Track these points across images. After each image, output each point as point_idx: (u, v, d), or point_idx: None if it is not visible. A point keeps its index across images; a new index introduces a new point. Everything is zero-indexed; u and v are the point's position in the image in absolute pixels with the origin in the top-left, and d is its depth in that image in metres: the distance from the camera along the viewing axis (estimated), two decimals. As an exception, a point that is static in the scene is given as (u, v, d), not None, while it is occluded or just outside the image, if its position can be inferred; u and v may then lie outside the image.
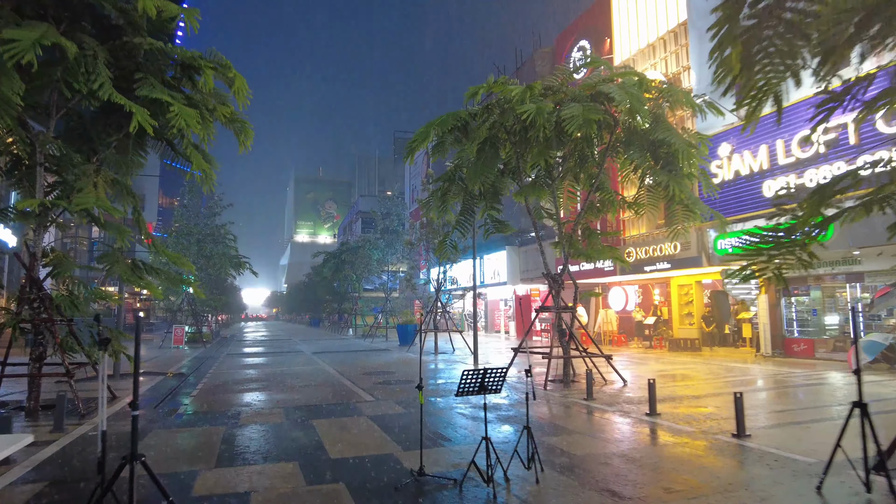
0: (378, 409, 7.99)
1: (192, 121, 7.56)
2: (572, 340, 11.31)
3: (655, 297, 21.39)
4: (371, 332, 27.40)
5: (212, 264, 24.76)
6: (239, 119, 9.77)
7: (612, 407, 8.14)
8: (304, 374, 12.69)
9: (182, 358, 17.23)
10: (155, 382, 11.35)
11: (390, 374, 12.44)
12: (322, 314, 54.03)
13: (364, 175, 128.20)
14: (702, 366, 13.67)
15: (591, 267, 20.01)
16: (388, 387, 10.41)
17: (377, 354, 18.38)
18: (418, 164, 42.71)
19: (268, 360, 16.74)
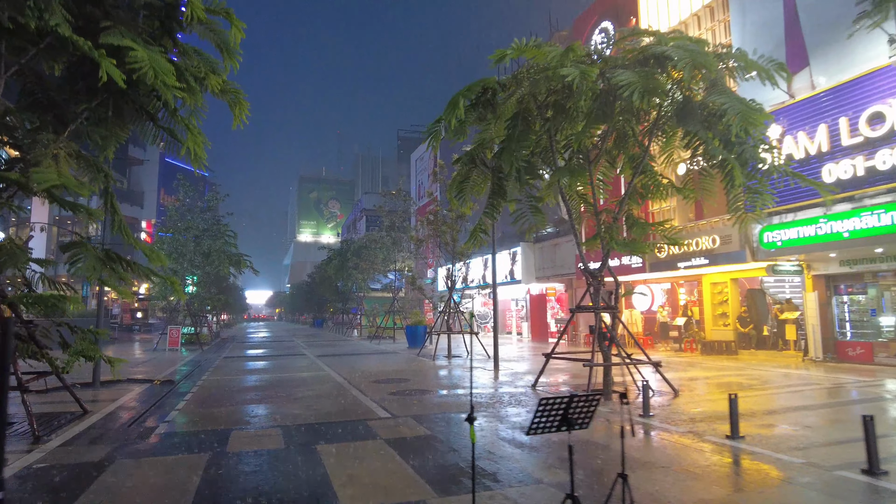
0: (396, 430, 6.59)
1: (167, 75, 6.18)
2: (613, 345, 9.90)
3: (681, 297, 19.95)
4: (377, 333, 26.01)
5: (210, 261, 23.40)
6: (232, 89, 8.43)
7: (679, 427, 6.72)
8: (307, 382, 11.31)
9: (175, 362, 15.87)
10: (137, 392, 9.98)
11: (404, 383, 11.04)
12: (325, 314, 52.70)
13: (367, 174, 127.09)
14: (748, 372, 12.23)
15: (616, 263, 18.56)
16: (404, 399, 9.01)
17: (386, 358, 16.99)
18: (424, 161, 41.31)
19: (268, 365, 15.36)
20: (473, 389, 10.16)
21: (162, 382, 11.24)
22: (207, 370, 13.80)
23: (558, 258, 22.47)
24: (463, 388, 10.34)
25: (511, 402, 8.62)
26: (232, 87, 8.48)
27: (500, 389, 10.07)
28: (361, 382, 11.10)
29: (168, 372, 13.26)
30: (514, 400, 8.86)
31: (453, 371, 13.23)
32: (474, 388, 10.38)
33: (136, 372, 13.26)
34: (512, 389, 10.05)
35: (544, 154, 10.49)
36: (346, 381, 11.25)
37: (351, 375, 12.26)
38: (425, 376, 12.19)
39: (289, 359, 17.17)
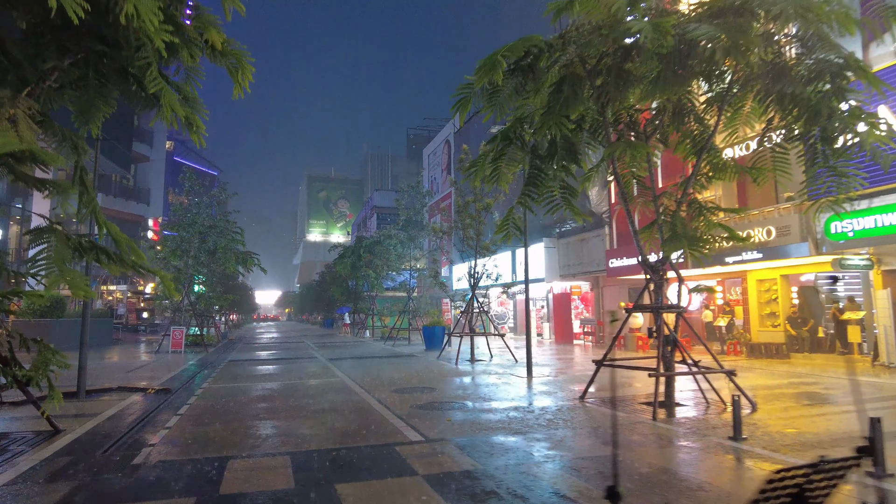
0: (435, 462, 5.23)
1: (150, 15, 4.88)
2: (678, 350, 8.50)
3: (718, 296, 18.45)
4: (391, 334, 24.68)
5: (216, 259, 22.19)
6: (233, 51, 7.16)
7: (789, 457, 5.30)
8: (319, 392, 9.99)
9: (176, 366, 14.64)
10: (126, 404, 8.70)
11: (429, 393, 9.69)
12: (335, 314, 51.55)
13: (377, 173, 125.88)
14: (816, 379, 10.75)
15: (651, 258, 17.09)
16: (434, 414, 7.66)
17: (404, 363, 15.65)
18: (437, 156, 39.99)
19: (276, 370, 14.08)
20: (508, 401, 8.80)
21: (156, 391, 9.97)
22: (210, 376, 12.54)
23: (585, 254, 21.03)
24: (501, 399, 8.96)
25: (564, 422, 7.23)
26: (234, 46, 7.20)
27: (542, 402, 8.69)
28: (381, 391, 9.77)
29: (166, 378, 12.00)
30: (564, 417, 7.47)
31: (482, 378, 11.86)
32: (509, 398, 9.02)
33: (131, 378, 12.02)
34: (557, 402, 8.66)
35: (591, 129, 9.08)
36: (363, 390, 9.92)
37: (368, 382, 10.93)
38: (452, 385, 10.83)
39: (298, 363, 15.88)
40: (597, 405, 8.37)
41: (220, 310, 34.21)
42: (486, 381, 11.20)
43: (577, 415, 7.56)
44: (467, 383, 11.00)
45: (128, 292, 37.17)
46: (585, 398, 8.87)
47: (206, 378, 12.16)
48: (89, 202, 6.15)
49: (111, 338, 25.26)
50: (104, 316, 25.37)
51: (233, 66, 7.24)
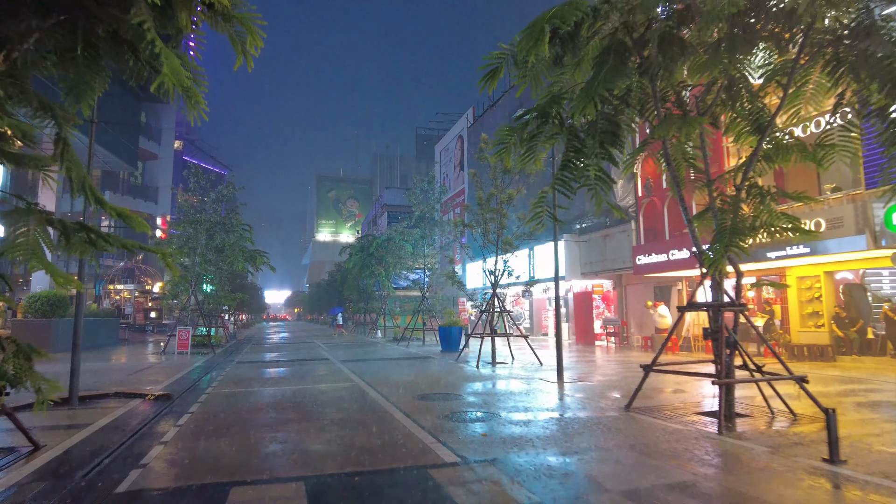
0: (480, 492, 4.32)
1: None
2: (739, 353, 7.53)
3: (750, 293, 17.38)
4: (404, 334, 23.78)
5: (223, 257, 21.39)
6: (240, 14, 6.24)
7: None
8: (333, 398, 9.11)
9: (181, 368, 13.84)
10: (121, 413, 7.86)
11: (455, 400, 8.78)
12: (345, 314, 50.80)
13: (386, 173, 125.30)
14: (880, 385, 9.71)
15: (683, 254, 16.07)
16: (466, 427, 6.75)
17: (421, 365, 14.76)
18: (450, 151, 39.06)
19: (285, 373, 13.23)
20: (545, 411, 7.86)
21: (157, 397, 9.13)
22: (216, 379, 11.71)
23: (609, 251, 20.03)
24: (536, 409, 8.01)
25: (617, 437, 6.28)
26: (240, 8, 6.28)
27: (585, 413, 7.74)
28: (401, 398, 8.87)
29: (169, 382, 11.18)
30: (615, 432, 6.52)
31: (509, 383, 10.92)
32: (545, 408, 8.08)
33: (132, 381, 11.22)
34: (600, 412, 7.71)
35: (638, 106, 8.12)
36: (380, 396, 9.02)
37: (385, 388, 10.03)
38: (477, 391, 9.91)
39: (310, 365, 15.03)
40: (646, 415, 7.41)
41: (228, 310, 33.55)
42: (513, 388, 10.26)
43: (629, 428, 6.61)
44: (494, 389, 10.07)
45: (135, 291, 36.62)
46: (632, 407, 7.90)
47: (211, 382, 11.33)
48: (80, 177, 5.29)
49: (117, 338, 24.60)
50: (110, 315, 24.68)
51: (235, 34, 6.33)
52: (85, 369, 13.37)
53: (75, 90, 6.41)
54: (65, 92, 6.41)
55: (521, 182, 14.45)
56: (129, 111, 30.53)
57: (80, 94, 6.46)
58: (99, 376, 12.07)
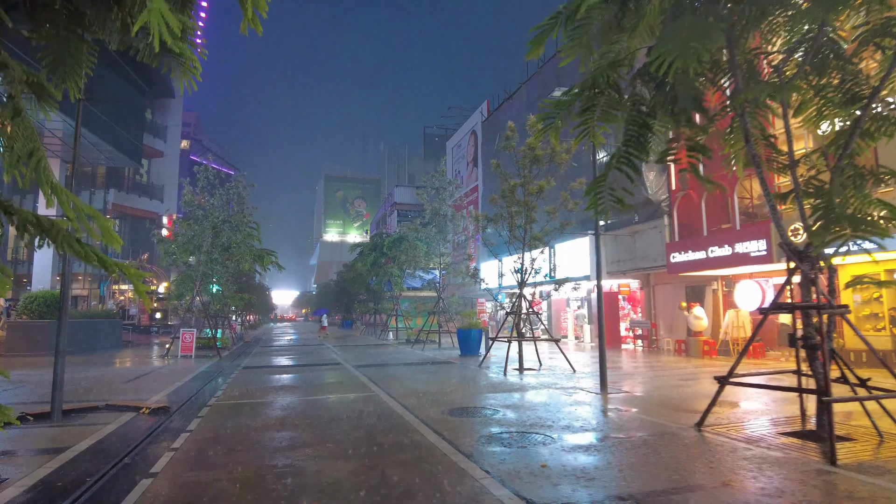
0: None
1: None
2: (837, 363, 6.35)
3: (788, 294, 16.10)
4: (419, 337, 22.65)
5: (230, 256, 20.35)
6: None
7: None
8: (352, 412, 7.99)
9: (183, 374, 12.79)
10: (108, 431, 6.77)
11: (493, 415, 7.64)
12: (354, 315, 49.81)
13: (393, 172, 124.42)
14: None
15: (725, 251, 14.82)
16: (518, 454, 5.60)
17: (443, 372, 13.64)
18: (462, 148, 37.92)
19: (296, 381, 12.14)
20: (602, 430, 6.71)
21: (152, 410, 8.04)
22: (220, 388, 10.63)
23: (638, 249, 18.81)
24: (591, 428, 6.85)
25: (705, 468, 5.11)
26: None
27: (650, 432, 6.57)
28: (429, 412, 7.74)
29: (169, 390, 10.11)
30: (699, 459, 5.35)
31: (547, 395, 9.76)
32: (600, 427, 6.93)
33: (127, 390, 10.16)
34: (668, 432, 6.54)
35: (715, 69, 6.95)
36: (405, 410, 7.90)
37: (410, 399, 8.90)
38: (514, 403, 8.76)
39: (322, 371, 13.94)
40: (724, 437, 6.22)
41: (235, 310, 32.58)
42: (554, 400, 9.09)
43: (713, 456, 5.43)
44: (533, 402, 8.91)
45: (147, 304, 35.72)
46: (703, 426, 6.72)
47: (215, 391, 10.25)
48: (29, 152, 4.18)
49: (120, 340, 23.64)
50: (111, 316, 23.73)
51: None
52: (77, 376, 12.36)
53: (59, 66, 5.31)
54: (48, 69, 5.32)
55: (549, 172, 13.27)
56: (133, 105, 29.62)
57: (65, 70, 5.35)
58: (92, 384, 11.03)
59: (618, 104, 6.88)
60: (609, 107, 6.85)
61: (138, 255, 36.50)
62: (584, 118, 6.76)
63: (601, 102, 6.88)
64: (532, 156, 13.04)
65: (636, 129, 6.57)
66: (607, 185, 6.50)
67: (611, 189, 6.47)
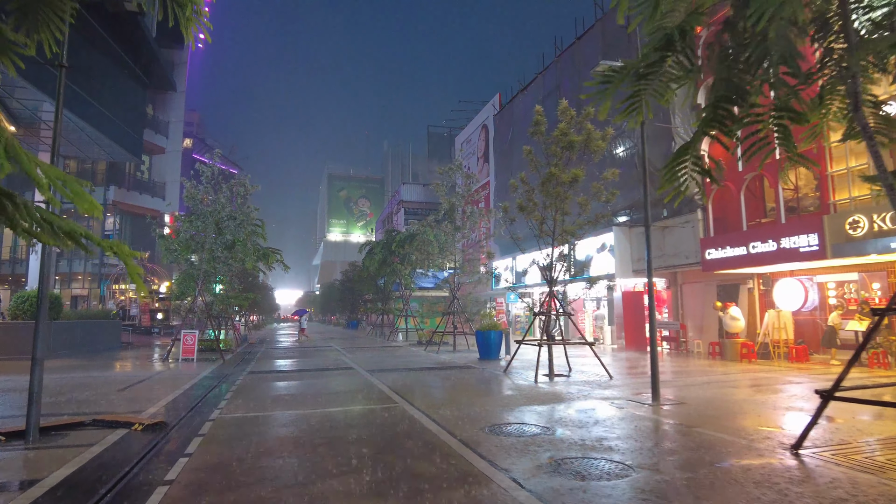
0: None
1: None
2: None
3: (830, 294, 14.99)
4: (432, 338, 21.55)
5: (233, 254, 19.28)
6: None
7: None
8: (376, 429, 6.90)
9: (183, 380, 11.73)
10: (90, 456, 5.69)
11: (543, 435, 6.54)
12: (360, 315, 48.77)
13: (397, 171, 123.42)
14: None
15: (769, 246, 13.68)
16: (593, 489, 4.50)
17: (466, 378, 12.56)
18: (472, 143, 36.82)
19: (307, 388, 11.06)
20: (682, 458, 5.60)
21: (146, 427, 6.95)
22: (223, 397, 9.56)
23: (667, 245, 17.69)
24: (665, 451, 5.74)
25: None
26: None
27: (732, 458, 5.45)
28: (468, 431, 6.65)
29: (167, 401, 9.04)
30: (821, 497, 4.23)
31: (591, 406, 8.65)
32: (676, 452, 5.81)
33: (121, 400, 9.10)
34: (761, 460, 5.42)
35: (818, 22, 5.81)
36: (440, 428, 6.80)
37: (440, 413, 7.81)
38: (563, 419, 7.66)
39: (334, 377, 12.85)
40: (835, 463, 5.10)
41: (239, 310, 31.55)
42: (605, 413, 7.98)
43: (846, 494, 4.32)
44: (582, 416, 7.80)
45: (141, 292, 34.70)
46: (801, 449, 5.61)
47: (218, 401, 9.17)
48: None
49: (119, 342, 22.61)
50: (110, 317, 22.69)
51: None
52: (68, 382, 11.29)
53: (29, 12, 4.24)
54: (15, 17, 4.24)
55: (584, 160, 12.17)
56: (133, 98, 28.59)
57: (37, 19, 4.27)
58: (82, 392, 9.98)
59: (689, 64, 5.75)
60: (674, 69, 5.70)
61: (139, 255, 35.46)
62: (638, 89, 5.61)
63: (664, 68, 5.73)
64: (565, 142, 11.94)
65: (728, 89, 5.44)
66: (692, 154, 5.35)
67: (696, 159, 5.33)
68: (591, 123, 12.29)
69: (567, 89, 22.64)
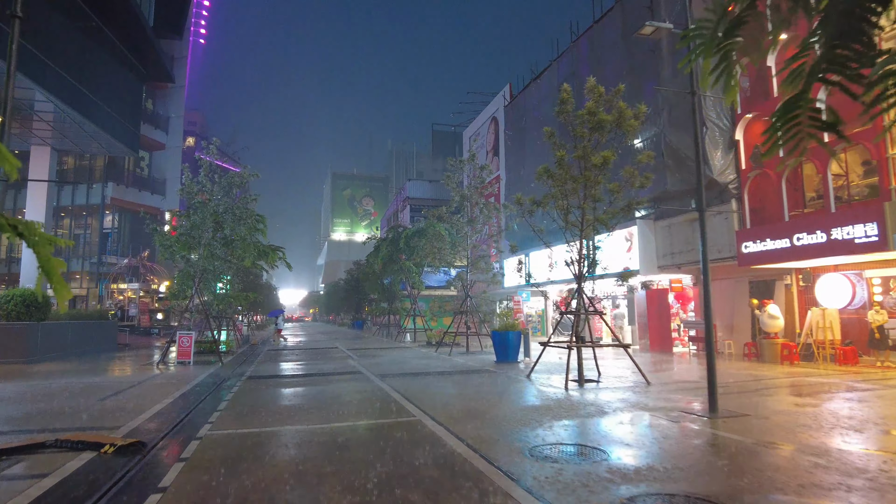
0: None
1: None
2: None
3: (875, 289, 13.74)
4: (443, 339, 20.39)
5: (231, 250, 18.16)
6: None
7: None
8: (394, 450, 5.74)
9: (176, 386, 10.60)
10: (44, 490, 4.55)
11: (602, 459, 5.37)
12: (365, 315, 47.67)
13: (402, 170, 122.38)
14: None
15: (818, 237, 12.45)
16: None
17: (486, 384, 11.41)
18: (482, 137, 35.63)
19: (311, 396, 9.93)
20: (780, 495, 4.41)
21: (119, 449, 5.80)
22: (217, 408, 8.42)
23: (697, 239, 16.40)
24: (762, 484, 4.55)
25: None
26: None
27: (856, 494, 4.26)
28: (506, 454, 5.49)
29: (150, 414, 7.90)
30: None
31: (646, 418, 7.47)
32: (777, 486, 4.63)
33: (99, 413, 7.97)
34: (876, 488, 4.23)
35: None
36: (471, 451, 5.64)
37: (467, 429, 6.64)
38: (612, 436, 6.49)
39: (340, 383, 11.71)
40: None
41: (241, 310, 30.47)
42: (663, 431, 6.79)
43: None
44: (634, 435, 6.61)
45: (140, 291, 33.69)
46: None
47: (210, 412, 8.03)
48: None
49: (114, 343, 21.54)
50: (104, 317, 21.62)
51: None
52: (44, 391, 10.06)
53: None
54: None
55: (615, 142, 10.98)
56: (128, 89, 27.50)
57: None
58: (58, 402, 8.86)
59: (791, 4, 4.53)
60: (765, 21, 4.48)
61: (138, 253, 34.48)
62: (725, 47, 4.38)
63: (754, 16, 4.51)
64: (594, 121, 10.76)
65: (850, 23, 4.23)
66: (806, 107, 4.16)
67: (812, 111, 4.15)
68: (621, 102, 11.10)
69: (584, 76, 21.35)
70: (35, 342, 15.36)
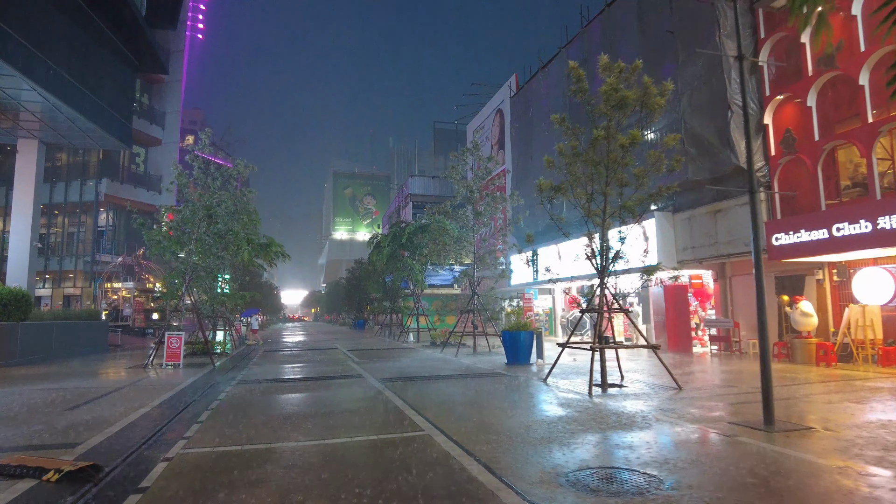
0: None
1: None
2: None
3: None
4: (449, 339, 19.34)
5: (226, 246, 17.15)
6: None
7: None
8: (395, 473, 4.72)
9: (155, 393, 9.58)
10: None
11: (653, 487, 4.32)
12: (366, 314, 46.68)
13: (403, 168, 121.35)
14: None
15: (858, 227, 11.38)
16: None
17: (499, 390, 10.39)
18: (486, 130, 34.59)
19: (307, 405, 8.90)
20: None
21: (65, 475, 4.77)
22: (198, 419, 7.39)
23: (720, 232, 15.38)
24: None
25: None
26: None
27: None
28: (534, 481, 4.47)
29: (117, 428, 6.87)
30: None
31: (692, 432, 6.43)
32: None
33: (62, 426, 6.96)
34: None
35: None
36: (492, 476, 4.62)
37: (484, 448, 5.61)
38: (653, 454, 5.45)
39: (340, 388, 10.68)
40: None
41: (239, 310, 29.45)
42: (712, 446, 5.75)
43: None
44: (684, 453, 5.56)
45: (135, 290, 32.72)
46: None
47: (188, 424, 7.01)
48: None
49: (105, 344, 20.56)
50: (94, 317, 20.64)
51: None
52: (5, 399, 9.11)
53: None
54: None
55: (642, 122, 9.94)
56: (121, 81, 26.47)
57: None
58: (18, 412, 7.84)
59: None
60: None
61: (133, 251, 33.50)
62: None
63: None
64: (616, 98, 9.71)
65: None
66: None
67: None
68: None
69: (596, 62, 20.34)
70: (14, 344, 14.38)
